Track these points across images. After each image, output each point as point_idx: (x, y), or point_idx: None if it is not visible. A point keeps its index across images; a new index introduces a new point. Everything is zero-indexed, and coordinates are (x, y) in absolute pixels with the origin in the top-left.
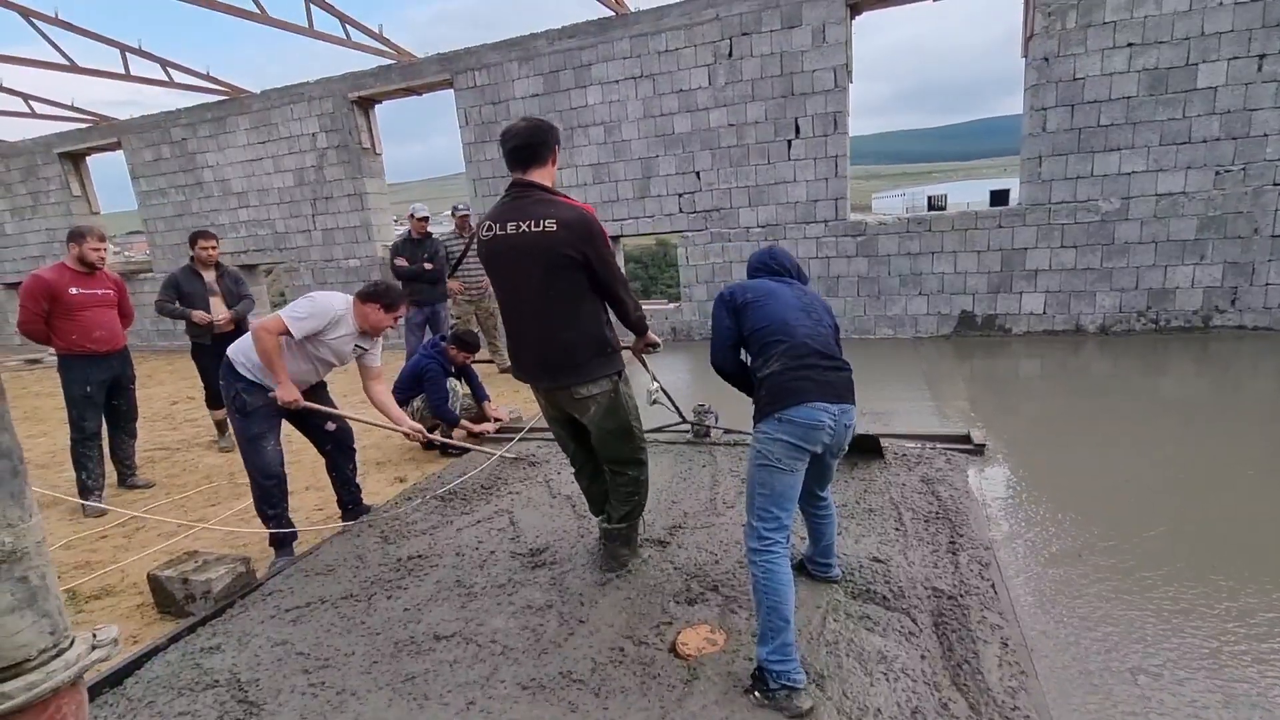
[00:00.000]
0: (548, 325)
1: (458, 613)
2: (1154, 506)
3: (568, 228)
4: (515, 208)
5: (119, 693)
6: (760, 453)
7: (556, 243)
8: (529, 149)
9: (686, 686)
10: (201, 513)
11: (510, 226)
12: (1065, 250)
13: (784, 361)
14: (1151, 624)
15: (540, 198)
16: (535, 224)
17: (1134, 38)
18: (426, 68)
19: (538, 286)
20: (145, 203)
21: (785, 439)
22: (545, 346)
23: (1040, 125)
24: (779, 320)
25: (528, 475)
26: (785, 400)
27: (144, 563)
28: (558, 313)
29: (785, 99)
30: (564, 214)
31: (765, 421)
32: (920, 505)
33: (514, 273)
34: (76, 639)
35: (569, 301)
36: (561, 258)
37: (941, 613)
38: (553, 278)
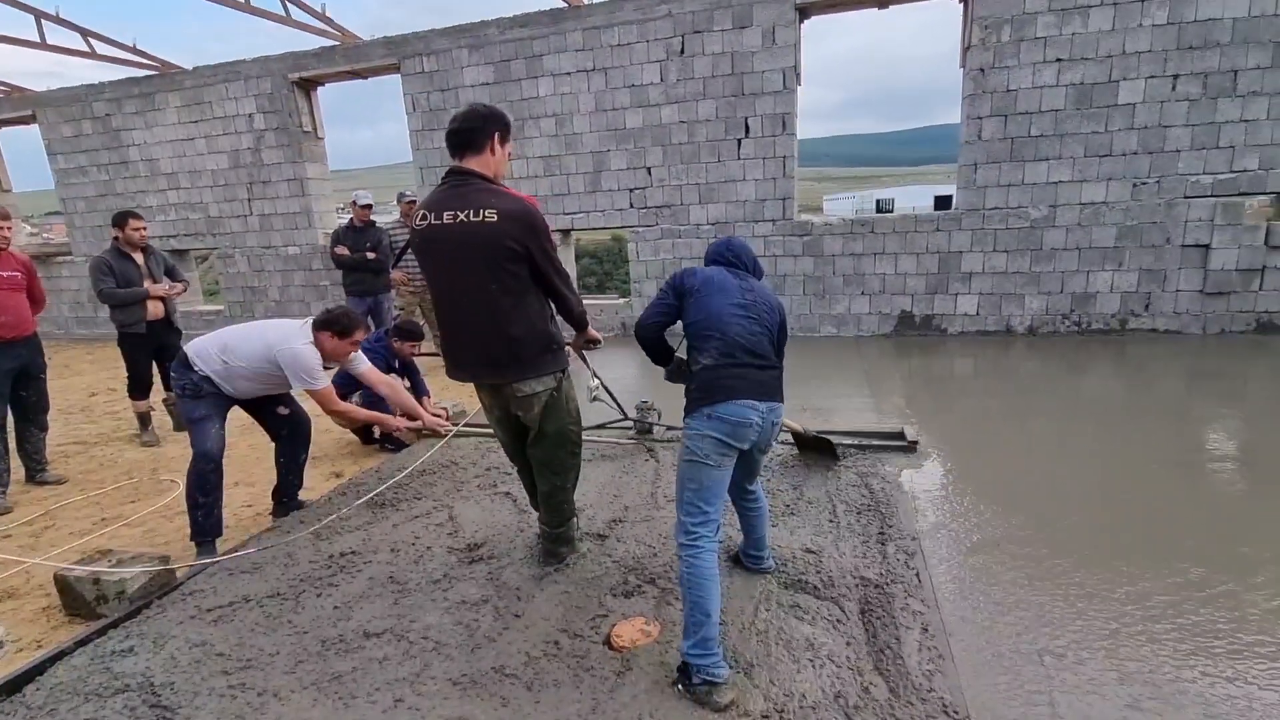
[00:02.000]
0: (490, 319)
1: (390, 609)
2: (1069, 498)
3: (510, 219)
4: (453, 195)
5: (18, 700)
6: (689, 449)
7: (498, 234)
8: (465, 134)
9: (619, 678)
10: (119, 510)
11: (447, 215)
12: (998, 254)
13: (715, 358)
14: (1059, 608)
15: (480, 186)
16: (475, 213)
17: (1062, 54)
18: (372, 51)
19: (478, 279)
20: (64, 181)
21: (714, 435)
22: (487, 341)
23: (976, 133)
24: (715, 316)
25: (468, 470)
26: (715, 396)
27: (53, 563)
28: (500, 306)
29: (736, 98)
30: (505, 204)
31: (694, 417)
32: (853, 498)
33: (452, 264)
34: None
35: (511, 295)
36: (503, 249)
37: (868, 601)
38: (494, 270)
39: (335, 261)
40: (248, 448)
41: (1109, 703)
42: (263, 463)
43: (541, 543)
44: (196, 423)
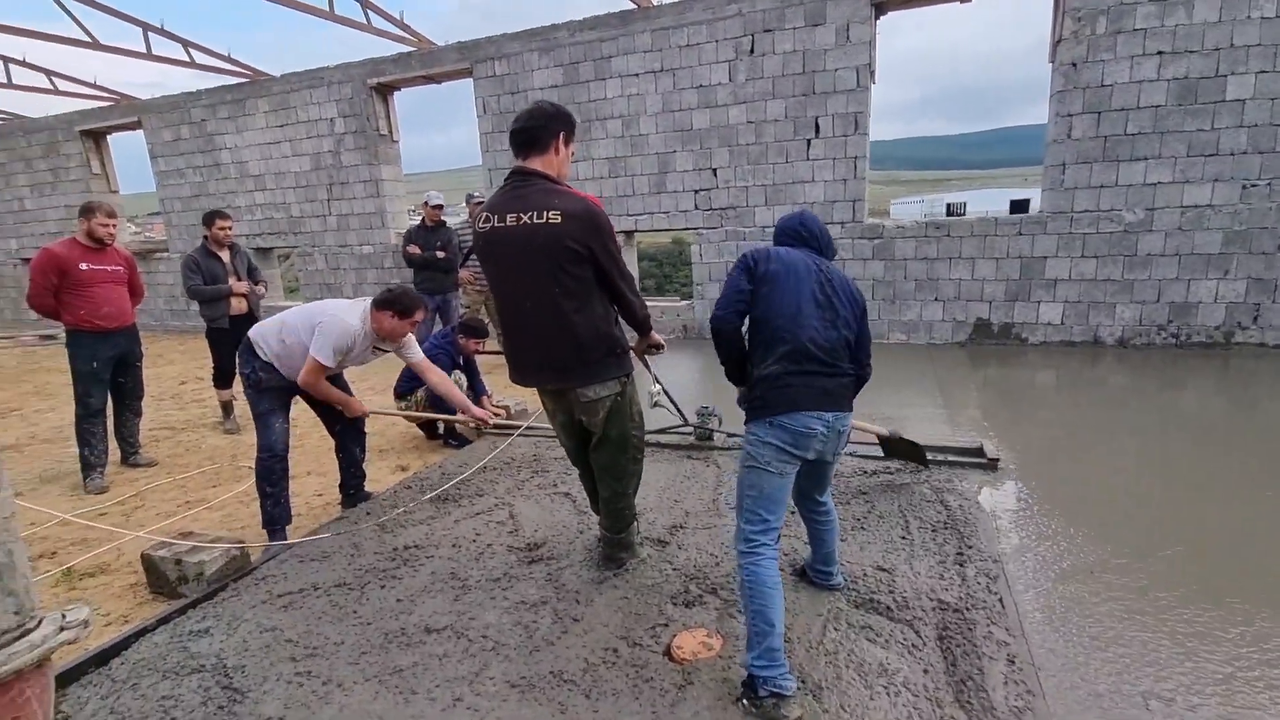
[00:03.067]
0: (553, 323)
1: (450, 605)
2: (1170, 526)
3: (573, 219)
4: (515, 197)
5: (104, 673)
6: (750, 454)
7: (561, 235)
8: (529, 133)
9: (680, 692)
10: (202, 494)
11: (510, 218)
12: (1086, 260)
13: (784, 365)
14: (1165, 647)
15: (542, 187)
16: (538, 214)
17: (1164, 46)
18: (446, 56)
19: (541, 282)
20: (163, 183)
21: (775, 443)
22: (551, 345)
23: (1065, 132)
24: (790, 317)
25: (528, 468)
26: (779, 406)
27: (140, 542)
28: (564, 310)
29: (806, 98)
30: (569, 205)
31: (756, 424)
32: (928, 515)
33: (514, 267)
34: (45, 619)
35: (575, 298)
36: (567, 251)
37: (946, 626)
38: (558, 272)
39: (407, 260)
40: (319, 439)
41: None
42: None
43: (601, 547)
44: (261, 416)
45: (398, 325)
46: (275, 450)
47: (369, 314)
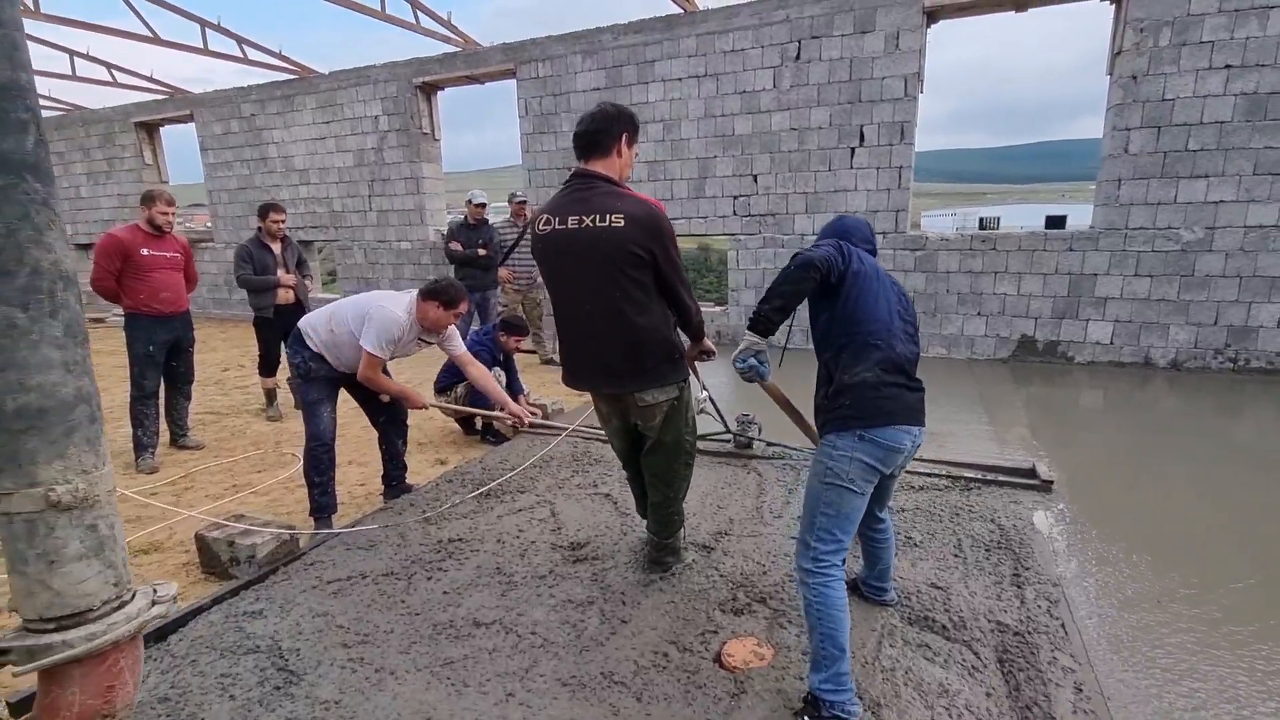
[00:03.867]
0: (613, 327)
1: (498, 600)
2: (1239, 556)
3: (636, 223)
4: (577, 200)
5: (163, 649)
6: (831, 470)
7: (624, 239)
8: (590, 136)
9: (733, 700)
10: (248, 478)
11: (572, 220)
12: (1139, 279)
13: (876, 373)
14: (1244, 683)
15: (605, 190)
16: (601, 218)
17: (1233, 59)
18: (491, 56)
19: (602, 285)
20: (211, 175)
21: (864, 459)
22: (610, 349)
23: (1122, 146)
24: (884, 320)
25: (568, 467)
26: (873, 418)
27: (191, 522)
28: (624, 314)
29: (852, 105)
30: (632, 208)
31: (843, 436)
32: (980, 533)
33: (575, 270)
34: (138, 592)
35: (636, 302)
36: (629, 255)
37: (1006, 649)
38: (620, 276)
39: (449, 256)
40: (361, 429)
41: None
42: (374, 444)
43: (648, 550)
44: (310, 406)
45: (443, 316)
46: (324, 439)
47: (414, 305)
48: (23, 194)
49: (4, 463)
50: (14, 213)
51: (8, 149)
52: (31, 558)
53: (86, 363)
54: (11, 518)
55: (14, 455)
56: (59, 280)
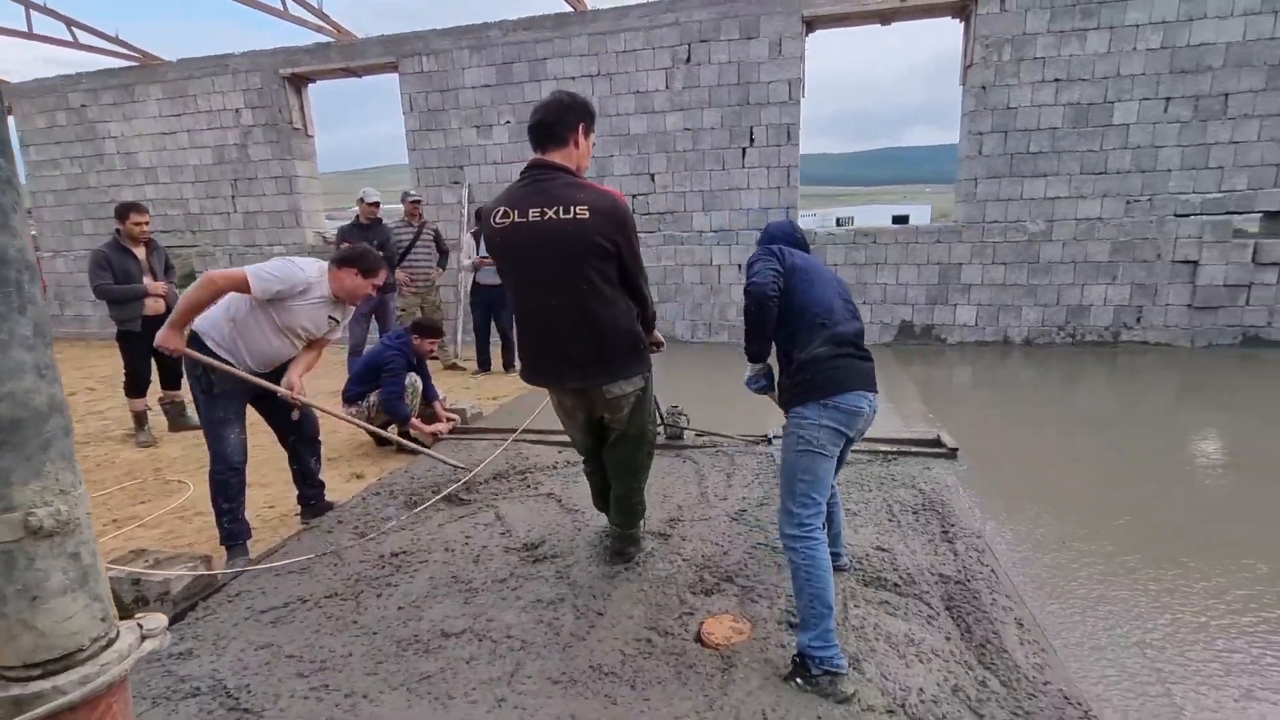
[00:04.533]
0: (581, 320)
1: (461, 609)
2: (1110, 499)
3: (601, 214)
4: (537, 191)
5: None
6: (803, 438)
7: (589, 230)
8: (545, 127)
9: (724, 675)
10: (130, 511)
11: (533, 213)
12: (996, 267)
13: (828, 347)
14: (1143, 602)
15: (566, 181)
16: (565, 209)
17: (1060, 74)
18: (369, 49)
19: (567, 279)
20: (35, 174)
21: (830, 424)
22: (577, 343)
23: (977, 149)
24: (825, 305)
25: (505, 471)
26: (831, 387)
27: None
28: (590, 307)
29: (741, 107)
30: (596, 200)
31: (808, 406)
32: (906, 499)
33: (538, 263)
34: (122, 628)
35: (602, 295)
36: (595, 247)
37: (952, 597)
38: (586, 269)
39: None
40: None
41: (1223, 693)
42: (272, 463)
43: (611, 542)
44: (213, 426)
45: (360, 284)
46: (231, 463)
47: (327, 273)
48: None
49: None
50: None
51: None
52: (10, 595)
53: (55, 367)
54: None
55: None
56: (25, 270)
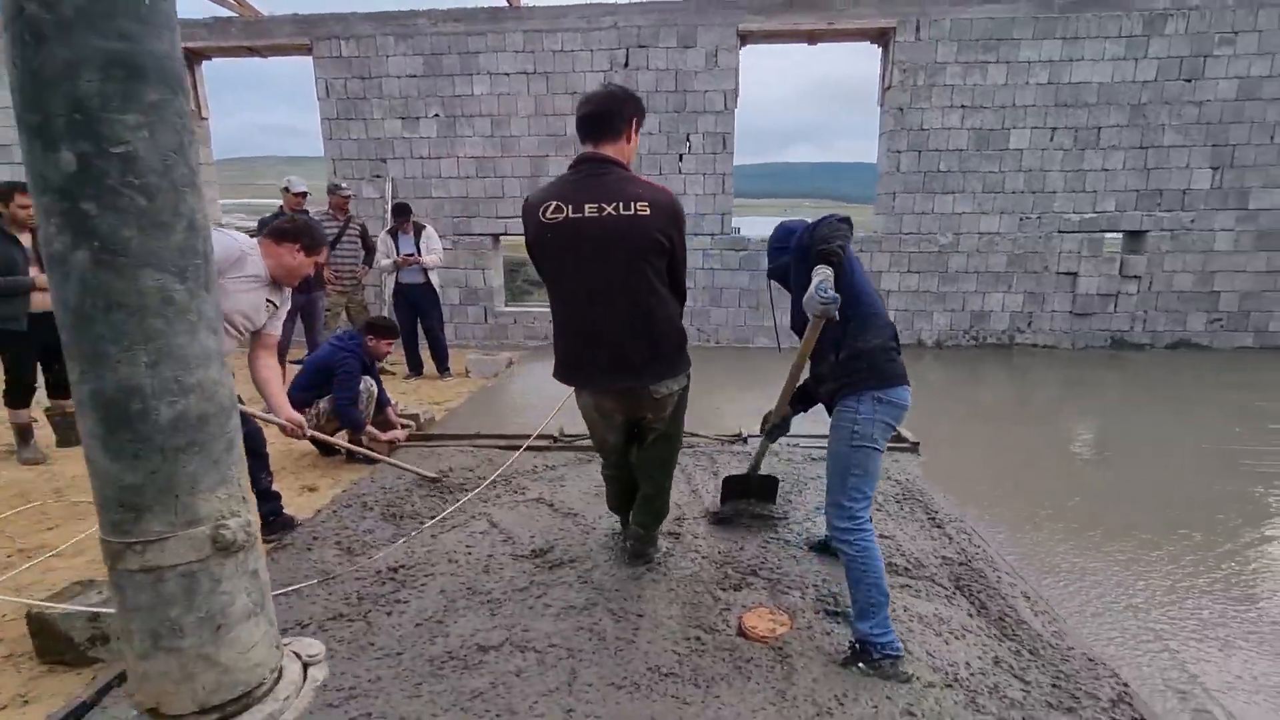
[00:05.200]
0: (637, 319)
1: (490, 621)
2: (1058, 482)
3: (660, 210)
4: (593, 186)
5: None
6: (858, 434)
7: (650, 227)
8: (601, 118)
9: (783, 666)
10: (37, 539)
11: (590, 208)
12: (911, 275)
13: (883, 339)
14: (1116, 571)
15: (621, 176)
16: (625, 205)
17: (966, 101)
18: (279, 28)
19: (624, 276)
20: None
21: (884, 420)
22: (630, 343)
23: (895, 166)
24: (874, 295)
25: (483, 479)
26: (888, 381)
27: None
28: (649, 304)
29: (678, 114)
30: (655, 195)
31: (863, 402)
32: (887, 489)
33: (593, 260)
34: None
35: (656, 292)
36: (655, 244)
37: (960, 577)
38: (645, 266)
39: None
40: None
41: (1210, 644)
42: None
43: (631, 544)
44: None
45: (302, 263)
46: None
47: (261, 248)
48: (176, 115)
49: (153, 497)
50: (169, 141)
51: (162, 50)
52: (190, 626)
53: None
54: (163, 574)
55: (169, 484)
56: (206, 242)
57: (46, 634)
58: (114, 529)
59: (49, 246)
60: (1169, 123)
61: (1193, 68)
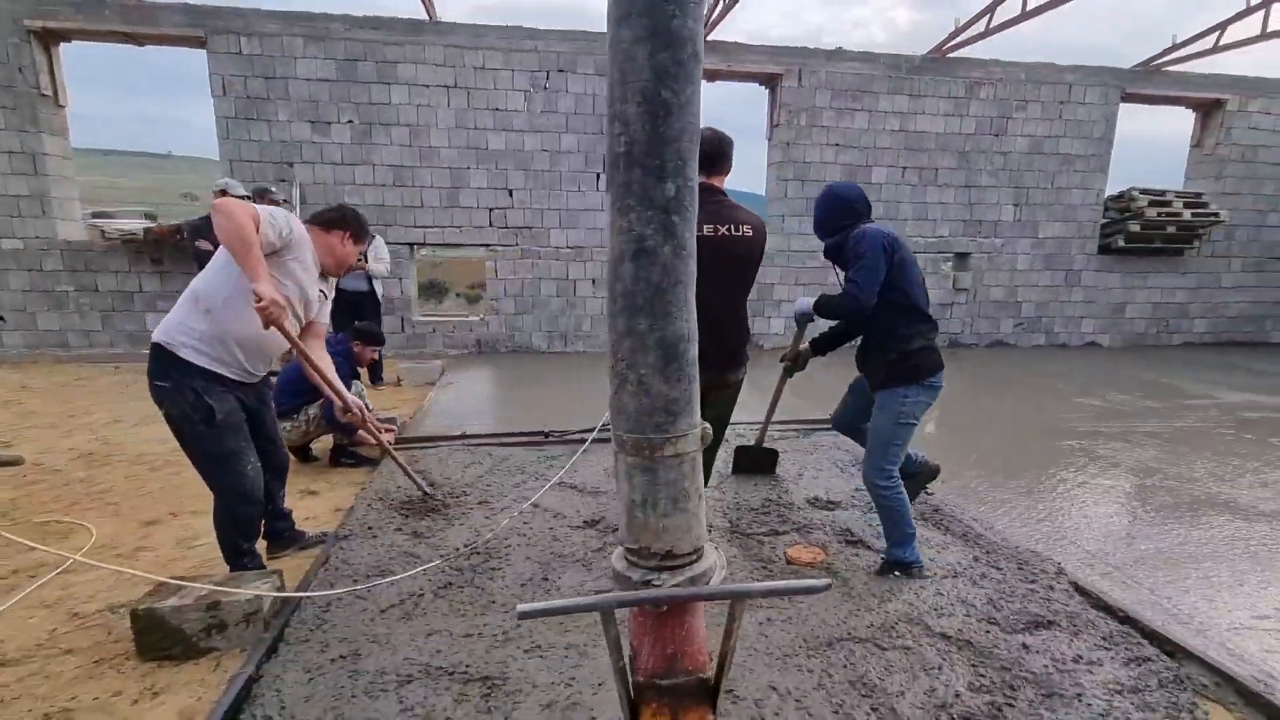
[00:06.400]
0: (735, 319)
1: (590, 574)
2: (958, 444)
3: (760, 234)
4: (725, 210)
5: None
6: (904, 413)
7: (756, 247)
8: (720, 156)
9: (838, 578)
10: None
11: (732, 228)
12: (798, 286)
13: (927, 338)
14: (1021, 499)
15: (732, 203)
16: (736, 228)
17: (838, 140)
18: (165, 15)
19: (734, 286)
20: None
21: (926, 401)
22: (732, 339)
23: (782, 193)
24: (924, 297)
25: (498, 473)
26: (935, 370)
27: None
28: (741, 308)
29: (597, 136)
30: (755, 221)
31: (910, 387)
32: (840, 457)
33: (727, 271)
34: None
35: (745, 299)
36: (755, 261)
37: (939, 522)
38: (748, 276)
39: (197, 259)
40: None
41: (1084, 532)
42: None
43: None
44: (226, 460)
45: (350, 252)
46: (255, 497)
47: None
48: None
49: (681, 406)
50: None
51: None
52: (690, 494)
53: None
54: (683, 458)
55: (689, 398)
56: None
57: (156, 630)
58: (657, 429)
59: (643, 243)
60: (984, 167)
61: (999, 126)
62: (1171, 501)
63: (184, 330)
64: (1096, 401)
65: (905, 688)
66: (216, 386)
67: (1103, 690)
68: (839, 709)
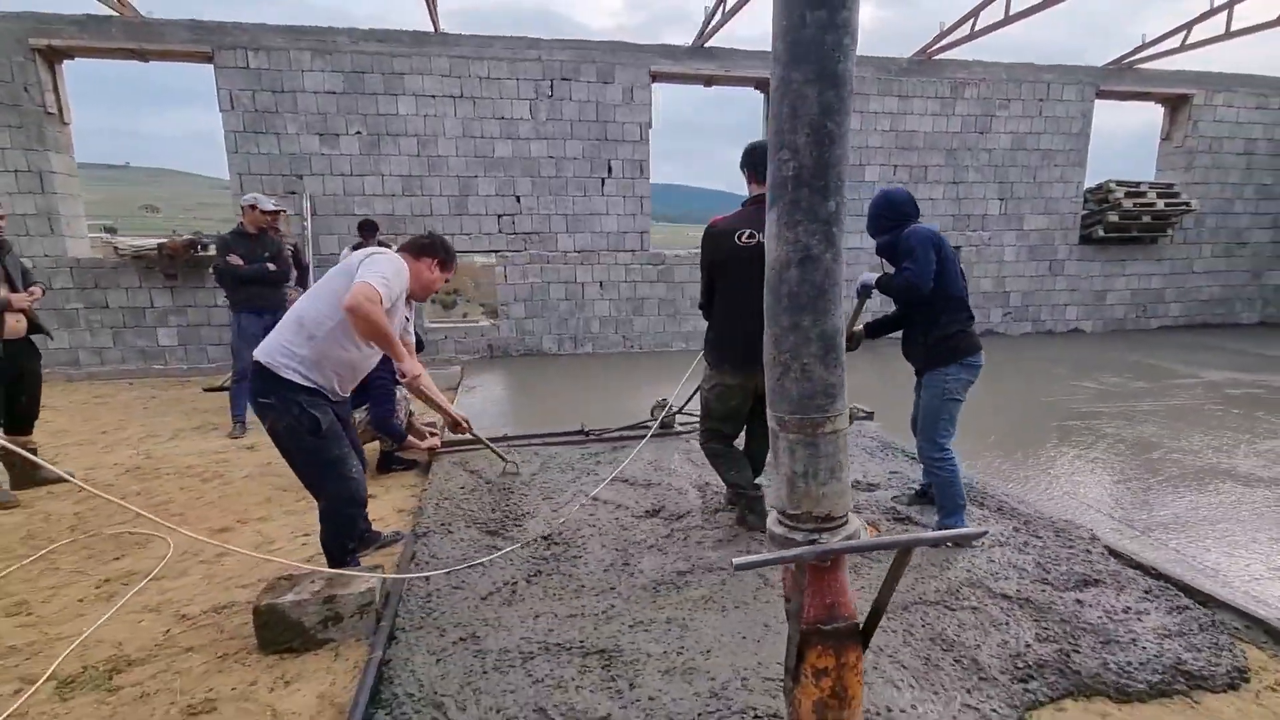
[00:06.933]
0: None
1: (666, 559)
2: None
3: None
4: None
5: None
6: (949, 390)
7: None
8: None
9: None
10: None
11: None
12: None
13: (966, 323)
14: (1043, 475)
15: None
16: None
17: None
18: (172, 31)
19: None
20: None
21: (968, 379)
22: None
23: None
24: (962, 288)
25: (539, 474)
26: (973, 351)
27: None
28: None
29: (600, 142)
30: None
31: (951, 367)
32: (868, 444)
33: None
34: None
35: None
36: None
37: (972, 498)
38: None
39: (226, 274)
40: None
41: (1109, 500)
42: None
43: (748, 502)
44: (333, 465)
45: (437, 278)
46: (360, 498)
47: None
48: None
49: (837, 390)
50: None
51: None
52: (843, 465)
53: None
54: (839, 434)
55: (843, 382)
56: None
57: (276, 624)
58: (819, 410)
59: (808, 251)
60: (971, 164)
61: (983, 124)
62: (1179, 472)
63: (285, 353)
64: (1091, 384)
65: (980, 641)
66: (319, 400)
67: (1153, 635)
68: (926, 660)
